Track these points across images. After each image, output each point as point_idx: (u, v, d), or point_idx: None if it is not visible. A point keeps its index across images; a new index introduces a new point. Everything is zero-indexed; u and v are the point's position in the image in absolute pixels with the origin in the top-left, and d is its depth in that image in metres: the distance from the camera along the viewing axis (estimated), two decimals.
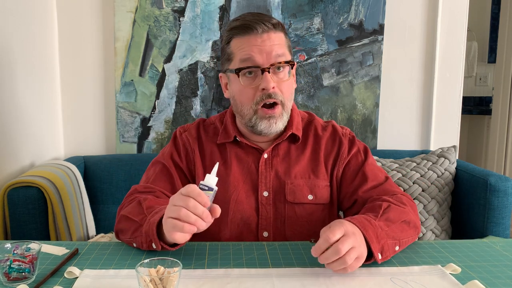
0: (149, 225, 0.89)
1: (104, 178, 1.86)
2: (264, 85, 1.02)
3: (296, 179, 1.09)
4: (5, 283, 0.77)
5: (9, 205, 1.42)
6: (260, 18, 1.03)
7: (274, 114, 1.04)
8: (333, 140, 1.14)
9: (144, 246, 0.92)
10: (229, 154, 1.12)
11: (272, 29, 1.04)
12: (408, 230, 0.96)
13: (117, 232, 1.01)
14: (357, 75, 2.08)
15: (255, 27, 1.02)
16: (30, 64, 1.71)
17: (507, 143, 3.18)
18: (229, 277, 0.82)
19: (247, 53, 1.02)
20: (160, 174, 1.11)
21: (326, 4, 2.03)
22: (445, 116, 2.19)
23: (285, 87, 1.05)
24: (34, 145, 1.74)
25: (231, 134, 1.12)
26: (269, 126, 1.05)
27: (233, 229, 1.08)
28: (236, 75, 1.04)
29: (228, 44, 1.07)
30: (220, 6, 1.99)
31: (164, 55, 1.98)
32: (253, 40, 1.02)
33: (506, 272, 0.86)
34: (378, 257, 0.86)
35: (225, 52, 1.09)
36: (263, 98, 1.03)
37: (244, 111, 1.06)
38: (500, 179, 1.65)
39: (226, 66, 1.09)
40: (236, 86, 1.06)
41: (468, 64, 3.83)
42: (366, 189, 1.08)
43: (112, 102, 2.02)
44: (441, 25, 2.12)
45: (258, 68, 1.02)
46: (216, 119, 1.18)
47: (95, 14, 1.97)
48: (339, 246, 0.78)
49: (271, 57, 1.02)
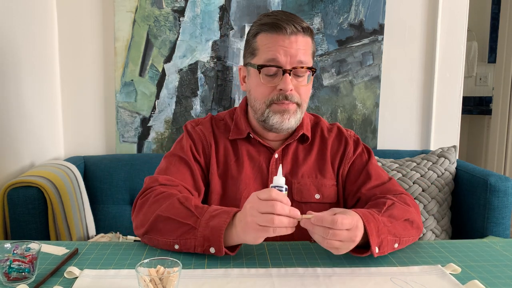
0: (211, 231, 0.86)
1: (104, 178, 1.86)
2: (282, 86, 1.02)
3: (303, 179, 1.10)
4: (5, 283, 0.77)
5: (9, 205, 1.42)
6: (292, 19, 1.03)
7: (288, 109, 1.04)
8: (339, 141, 1.15)
9: (196, 250, 0.89)
10: (241, 151, 1.12)
11: (301, 32, 1.03)
12: (410, 230, 0.97)
13: (149, 231, 0.94)
14: (357, 75, 2.08)
15: (284, 27, 1.01)
16: (30, 64, 1.71)
17: (507, 143, 3.18)
18: (229, 277, 0.82)
19: (273, 53, 1.02)
20: (178, 166, 1.07)
21: (326, 4, 2.03)
22: (445, 116, 2.19)
23: (303, 90, 1.06)
24: (34, 145, 1.74)
25: (243, 130, 1.12)
26: (282, 122, 1.04)
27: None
28: (257, 71, 1.05)
29: (254, 37, 1.07)
30: (220, 6, 1.99)
31: (164, 55, 1.98)
32: (280, 40, 1.02)
33: (506, 272, 0.86)
34: (375, 251, 0.86)
35: (249, 46, 1.08)
36: (279, 99, 1.03)
37: (257, 106, 1.07)
38: (500, 179, 1.65)
39: (248, 60, 1.09)
40: (254, 81, 1.07)
41: (468, 64, 3.83)
42: (369, 187, 1.09)
43: (112, 102, 2.02)
44: (441, 25, 2.12)
45: (280, 69, 1.02)
46: (225, 116, 1.18)
47: (95, 14, 1.97)
48: (338, 219, 0.80)
49: (295, 61, 1.02)
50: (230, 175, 1.10)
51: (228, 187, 1.10)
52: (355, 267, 0.87)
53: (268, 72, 1.03)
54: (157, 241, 0.94)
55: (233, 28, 2.00)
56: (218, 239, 0.85)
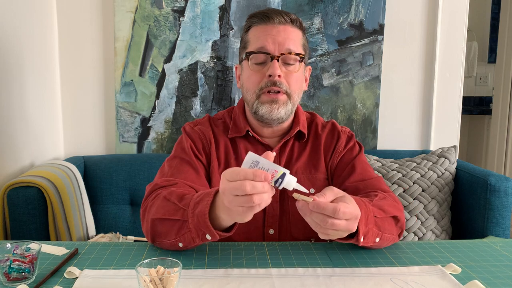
0: (197, 218, 0.84)
1: (104, 178, 1.86)
2: (270, 71, 1.02)
3: (297, 174, 1.11)
4: (5, 283, 0.77)
5: (9, 205, 1.42)
6: (280, 12, 1.06)
7: (277, 99, 1.04)
8: (332, 135, 1.16)
9: (196, 242, 0.86)
10: (240, 149, 1.12)
11: (289, 23, 1.06)
12: (394, 227, 0.96)
13: (155, 236, 0.94)
14: (357, 75, 2.08)
15: (272, 17, 1.04)
16: (30, 64, 1.71)
17: (507, 143, 3.18)
18: (229, 277, 0.82)
19: (261, 42, 1.04)
20: (180, 167, 1.06)
21: (326, 4, 2.03)
22: (445, 116, 2.19)
23: (293, 79, 1.06)
24: (34, 145, 1.74)
25: (242, 128, 1.12)
26: (271, 111, 1.04)
27: (240, 226, 1.08)
28: (248, 62, 1.06)
29: (246, 32, 1.10)
30: (220, 6, 1.99)
31: (164, 55, 1.98)
32: (269, 29, 1.05)
33: (506, 272, 0.86)
34: (361, 240, 0.85)
35: (242, 41, 1.11)
36: (268, 85, 1.03)
37: (248, 97, 1.08)
38: (500, 179, 1.65)
39: (241, 54, 1.11)
40: (246, 73, 1.08)
41: (468, 64, 3.83)
42: (353, 180, 1.08)
43: (112, 102, 2.02)
44: (441, 25, 2.12)
45: (268, 55, 1.03)
46: (224, 114, 1.19)
47: (95, 14, 1.97)
48: (341, 209, 0.76)
49: (283, 48, 1.03)
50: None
51: None
52: (355, 267, 0.87)
53: (257, 60, 1.05)
54: (164, 245, 0.93)
55: (233, 28, 2.00)
56: (205, 225, 0.83)
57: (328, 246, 0.98)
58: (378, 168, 1.86)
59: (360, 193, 1.05)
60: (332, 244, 0.99)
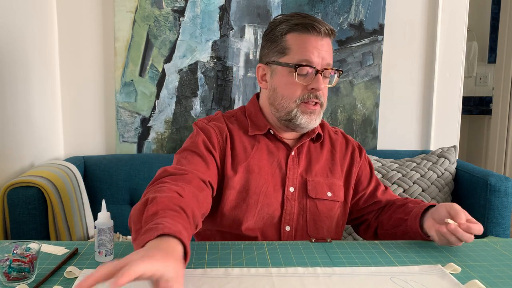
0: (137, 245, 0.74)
1: (104, 178, 1.86)
2: (315, 86, 1.06)
3: (316, 177, 1.14)
4: (5, 283, 0.77)
5: (9, 205, 1.42)
6: (320, 21, 1.07)
7: (315, 111, 1.09)
8: (347, 145, 1.22)
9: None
10: (261, 146, 1.13)
11: (331, 35, 1.09)
12: None
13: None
14: (357, 75, 2.08)
15: (319, 28, 1.05)
16: (30, 64, 1.71)
17: (507, 143, 3.18)
18: (229, 276, 0.82)
19: (308, 55, 1.05)
20: (190, 158, 1.04)
21: (326, 4, 2.03)
22: (445, 116, 2.19)
23: (326, 92, 1.12)
24: (34, 145, 1.74)
25: (262, 126, 1.14)
26: (309, 122, 1.09)
27: (258, 221, 1.09)
28: (287, 70, 1.07)
29: (283, 36, 1.08)
30: (220, 6, 1.99)
31: (164, 55, 1.98)
32: (314, 41, 1.06)
33: (506, 272, 0.86)
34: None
35: (277, 44, 1.09)
36: (310, 97, 1.07)
37: (284, 104, 1.09)
38: (500, 179, 1.65)
39: (275, 58, 1.10)
40: (283, 80, 1.09)
41: (468, 64, 3.83)
42: (372, 186, 1.21)
43: (112, 102, 2.02)
44: (441, 25, 2.12)
45: (314, 69, 1.06)
46: (236, 113, 1.19)
47: (95, 14, 1.97)
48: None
49: (325, 63, 1.07)
50: (250, 169, 1.10)
51: (247, 182, 1.09)
52: (355, 266, 0.87)
53: (302, 71, 1.06)
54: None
55: (233, 28, 2.00)
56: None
57: (328, 246, 0.98)
58: (378, 168, 1.86)
59: (375, 196, 1.20)
60: (332, 244, 0.99)
